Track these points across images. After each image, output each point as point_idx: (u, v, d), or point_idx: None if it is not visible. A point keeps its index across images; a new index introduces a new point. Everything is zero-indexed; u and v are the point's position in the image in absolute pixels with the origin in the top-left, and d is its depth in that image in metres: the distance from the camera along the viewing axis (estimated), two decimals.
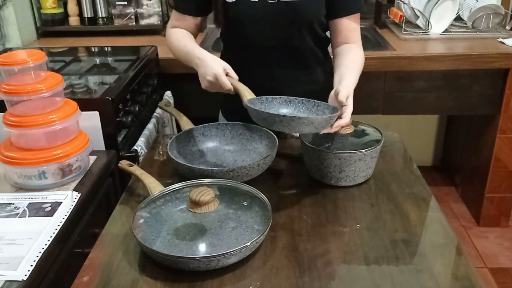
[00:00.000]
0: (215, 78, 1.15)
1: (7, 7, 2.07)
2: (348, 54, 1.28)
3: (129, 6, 2.34)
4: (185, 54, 1.28)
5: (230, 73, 1.17)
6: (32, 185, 1.15)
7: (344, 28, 1.30)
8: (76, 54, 2.02)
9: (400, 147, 1.34)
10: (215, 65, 1.16)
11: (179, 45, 1.31)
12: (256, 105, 1.12)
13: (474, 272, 0.87)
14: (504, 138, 2.19)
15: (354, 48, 1.30)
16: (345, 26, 1.30)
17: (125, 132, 1.51)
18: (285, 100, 1.16)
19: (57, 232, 0.99)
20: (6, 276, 0.86)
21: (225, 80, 1.15)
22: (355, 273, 0.87)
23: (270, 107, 1.15)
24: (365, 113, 2.10)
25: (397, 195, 1.11)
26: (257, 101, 1.14)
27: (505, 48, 2.04)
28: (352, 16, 1.29)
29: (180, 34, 1.34)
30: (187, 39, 1.32)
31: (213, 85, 1.18)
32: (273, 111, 1.13)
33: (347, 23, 1.30)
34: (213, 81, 1.16)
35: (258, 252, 0.92)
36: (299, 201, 1.09)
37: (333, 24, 1.32)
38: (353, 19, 1.30)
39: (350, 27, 1.30)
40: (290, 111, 1.15)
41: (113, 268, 0.89)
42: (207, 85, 1.19)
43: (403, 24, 2.24)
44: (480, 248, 2.29)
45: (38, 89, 1.12)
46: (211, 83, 1.17)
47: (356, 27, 1.32)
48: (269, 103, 1.16)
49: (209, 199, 0.95)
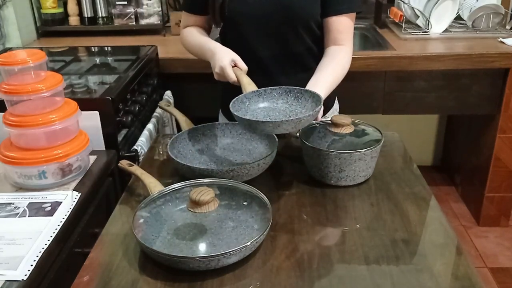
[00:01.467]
0: (221, 70, 1.22)
1: (7, 7, 2.07)
2: (330, 61, 1.28)
3: (129, 6, 2.34)
4: (198, 49, 1.36)
5: (238, 63, 1.22)
6: (32, 185, 1.15)
7: (333, 28, 1.30)
8: (76, 54, 2.02)
9: (400, 147, 1.34)
10: (223, 57, 1.22)
11: (192, 41, 1.39)
12: (252, 100, 1.13)
13: (474, 272, 0.87)
14: (504, 138, 2.19)
15: (340, 53, 1.29)
16: (334, 26, 1.29)
17: (125, 132, 1.51)
18: (285, 91, 1.15)
19: (57, 232, 0.99)
20: (6, 276, 0.86)
21: (230, 72, 1.20)
22: (355, 273, 0.87)
23: (269, 99, 1.15)
24: (365, 113, 2.10)
25: (397, 195, 1.11)
26: (254, 94, 1.14)
27: (505, 47, 2.04)
28: (343, 16, 1.28)
29: (193, 31, 1.41)
30: (199, 35, 1.39)
31: (220, 76, 1.24)
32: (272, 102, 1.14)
33: (337, 23, 1.29)
34: (219, 73, 1.23)
35: (258, 252, 0.92)
36: (299, 201, 1.09)
37: (325, 23, 1.31)
38: (344, 18, 1.29)
39: (339, 27, 1.29)
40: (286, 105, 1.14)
41: (113, 268, 0.89)
42: (216, 76, 1.26)
43: (403, 24, 2.24)
44: (480, 248, 2.29)
45: (38, 89, 1.12)
46: (219, 75, 1.24)
47: (347, 28, 1.30)
48: (267, 95, 1.15)
49: (209, 199, 0.94)
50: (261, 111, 1.13)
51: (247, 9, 1.27)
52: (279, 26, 1.28)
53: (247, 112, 1.12)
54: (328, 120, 1.21)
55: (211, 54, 1.27)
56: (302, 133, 1.18)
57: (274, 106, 1.14)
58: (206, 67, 1.96)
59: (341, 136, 1.16)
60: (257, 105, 1.14)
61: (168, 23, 2.36)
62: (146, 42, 2.04)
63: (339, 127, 1.17)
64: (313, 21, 1.30)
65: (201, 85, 2.03)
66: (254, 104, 1.14)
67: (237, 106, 1.11)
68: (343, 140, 1.16)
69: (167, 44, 2.19)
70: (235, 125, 1.29)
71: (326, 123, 1.21)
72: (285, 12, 1.26)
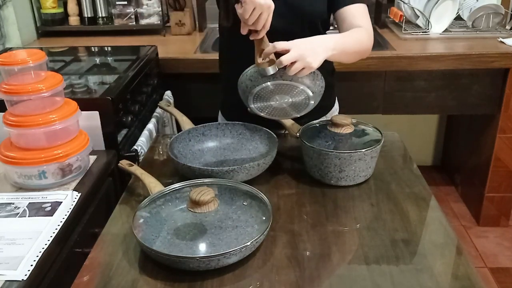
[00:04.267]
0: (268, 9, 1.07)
1: (7, 7, 2.07)
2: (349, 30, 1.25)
3: (129, 6, 2.34)
4: None
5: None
6: (32, 185, 1.15)
7: (347, 15, 1.28)
8: (76, 54, 2.02)
9: (400, 147, 1.34)
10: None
11: None
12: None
13: (474, 272, 0.87)
14: (504, 138, 2.19)
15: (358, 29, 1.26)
16: (348, 13, 1.28)
17: (125, 132, 1.51)
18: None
19: (57, 232, 0.99)
20: (6, 276, 0.86)
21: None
22: (355, 273, 0.87)
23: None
24: (365, 113, 2.10)
25: (397, 194, 1.11)
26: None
27: (505, 47, 2.04)
28: (354, 5, 1.28)
29: None
30: None
31: (254, 14, 1.07)
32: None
33: (351, 10, 1.28)
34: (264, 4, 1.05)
35: (258, 251, 0.92)
36: (299, 201, 1.09)
37: (337, 16, 1.30)
38: (356, 6, 1.28)
39: (354, 12, 1.28)
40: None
41: (113, 268, 0.89)
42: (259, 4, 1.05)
43: (403, 24, 2.24)
44: (480, 248, 2.29)
45: (38, 89, 1.12)
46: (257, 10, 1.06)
47: (361, 13, 1.29)
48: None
49: (209, 199, 0.94)
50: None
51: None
52: (287, 25, 1.29)
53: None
54: (328, 120, 1.21)
55: None
56: (302, 133, 1.18)
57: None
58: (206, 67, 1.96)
59: (341, 136, 1.16)
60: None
61: (168, 23, 2.36)
62: (146, 42, 2.04)
63: (339, 127, 1.17)
64: (320, 20, 1.31)
65: (201, 85, 2.03)
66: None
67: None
68: (343, 140, 1.16)
69: (167, 44, 2.19)
70: (235, 125, 1.29)
71: (326, 123, 1.21)
72: (295, 12, 1.26)
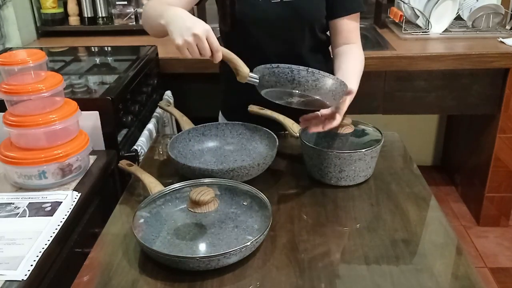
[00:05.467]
0: (205, 33, 0.97)
1: (7, 7, 2.07)
2: (348, 56, 1.28)
3: (129, 6, 2.34)
4: (157, 11, 1.08)
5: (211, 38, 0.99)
6: (32, 185, 1.15)
7: (344, 28, 1.30)
8: (76, 54, 2.02)
9: (400, 147, 1.34)
10: (201, 22, 0.98)
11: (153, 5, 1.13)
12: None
13: (474, 272, 0.87)
14: (504, 138, 2.19)
15: (354, 49, 1.30)
16: (345, 27, 1.30)
17: (125, 132, 1.51)
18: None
19: (57, 232, 0.99)
20: (6, 276, 0.86)
21: (215, 40, 0.98)
22: (355, 273, 0.87)
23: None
24: (365, 113, 2.10)
25: (397, 195, 1.11)
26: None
27: (505, 47, 2.04)
28: (352, 15, 1.29)
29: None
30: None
31: (194, 41, 0.97)
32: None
33: (347, 23, 1.30)
34: (200, 35, 0.96)
35: (258, 252, 0.91)
36: (299, 201, 1.09)
37: (333, 25, 1.32)
38: (353, 18, 1.30)
39: (350, 27, 1.30)
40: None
41: (113, 268, 0.89)
42: (182, 42, 0.97)
43: (403, 24, 2.24)
44: (480, 248, 2.29)
45: (38, 89, 1.12)
46: (197, 38, 0.97)
47: (356, 27, 1.32)
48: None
49: (209, 199, 0.94)
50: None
51: (259, 14, 1.27)
52: (286, 28, 1.29)
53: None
54: None
55: (176, 12, 1.00)
56: (302, 133, 1.18)
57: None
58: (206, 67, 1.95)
59: (341, 136, 1.16)
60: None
61: None
62: (146, 42, 2.04)
63: (339, 127, 1.17)
64: (319, 24, 1.31)
65: (201, 85, 2.03)
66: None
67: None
68: (343, 140, 1.16)
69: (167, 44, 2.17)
70: (235, 125, 1.29)
71: None
72: (294, 16, 1.26)
